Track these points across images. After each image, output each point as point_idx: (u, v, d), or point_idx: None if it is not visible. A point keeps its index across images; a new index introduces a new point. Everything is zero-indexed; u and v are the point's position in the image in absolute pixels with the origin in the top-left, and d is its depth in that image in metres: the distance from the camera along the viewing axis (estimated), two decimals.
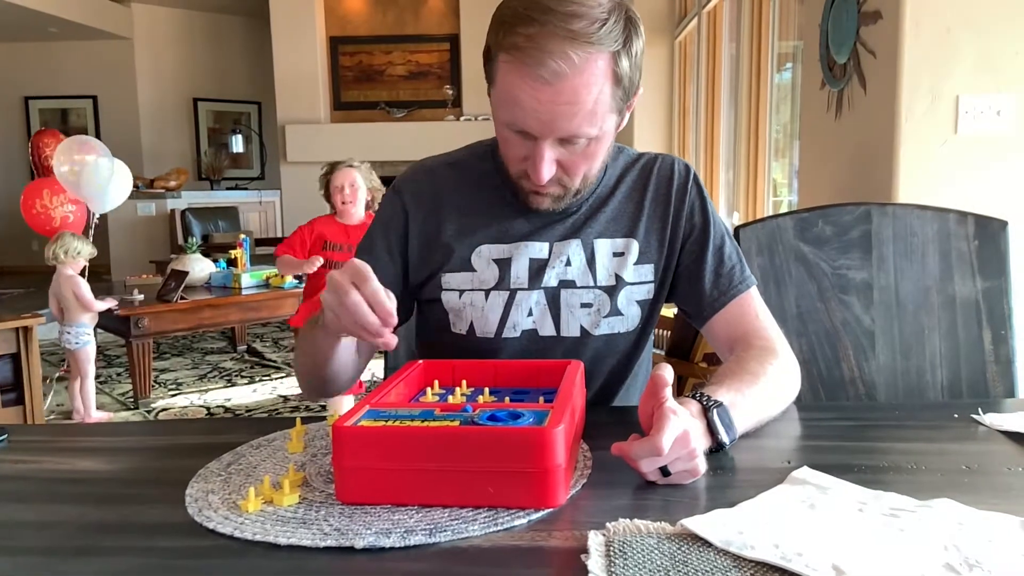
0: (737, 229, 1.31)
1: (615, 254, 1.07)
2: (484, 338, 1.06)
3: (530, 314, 1.05)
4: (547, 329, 1.06)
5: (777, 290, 1.29)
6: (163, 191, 7.37)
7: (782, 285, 1.29)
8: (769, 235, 1.30)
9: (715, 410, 0.81)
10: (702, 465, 0.75)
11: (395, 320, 0.80)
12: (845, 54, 2.35)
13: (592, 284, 1.06)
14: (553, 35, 0.86)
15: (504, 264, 1.05)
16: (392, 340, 0.80)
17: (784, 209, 3.77)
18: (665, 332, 2.95)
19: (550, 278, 1.05)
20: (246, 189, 8.27)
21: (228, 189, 8.27)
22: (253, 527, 0.67)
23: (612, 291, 1.06)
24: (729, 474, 0.78)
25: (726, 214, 4.82)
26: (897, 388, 1.29)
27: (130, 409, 3.80)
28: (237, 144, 8.94)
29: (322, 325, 0.90)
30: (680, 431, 0.72)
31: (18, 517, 0.74)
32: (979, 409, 0.96)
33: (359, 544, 0.63)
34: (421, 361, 0.97)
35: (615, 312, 1.06)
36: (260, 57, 8.54)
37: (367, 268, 0.80)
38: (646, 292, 1.08)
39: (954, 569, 0.56)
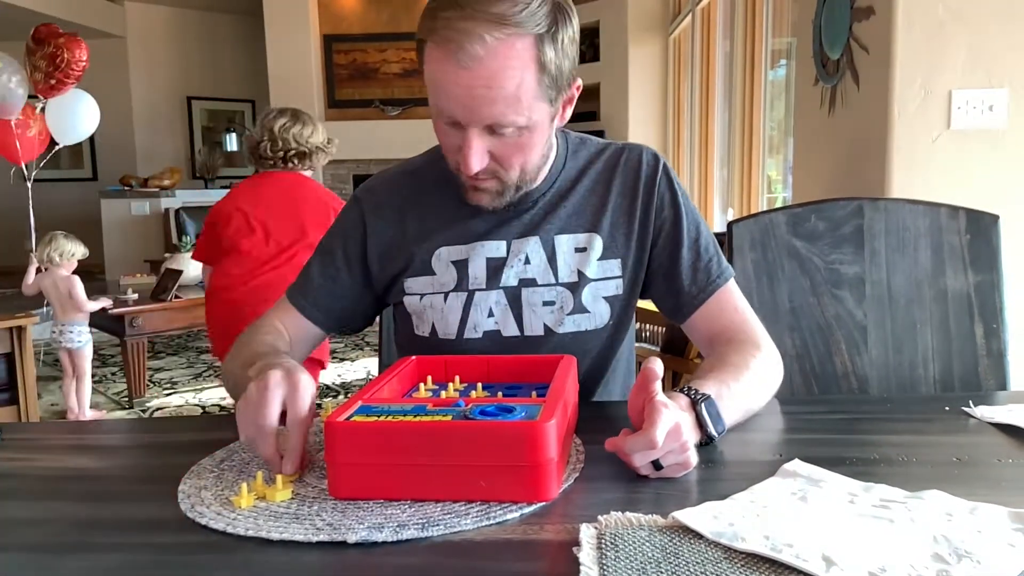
0: (730, 224, 1.32)
1: (577, 249, 1.05)
2: (446, 339, 1.05)
3: (491, 315, 1.04)
4: (510, 329, 1.05)
5: (770, 285, 1.29)
6: (157, 190, 7.36)
7: (775, 280, 1.30)
8: (762, 230, 1.31)
9: (703, 403, 0.82)
10: (694, 458, 0.75)
11: (298, 468, 0.76)
12: (838, 50, 2.35)
13: (554, 281, 1.04)
14: (471, 18, 0.84)
15: (462, 265, 1.04)
16: (291, 468, 0.75)
17: (778, 205, 3.78)
18: (659, 328, 2.95)
19: (509, 277, 1.04)
20: None
21: (222, 188, 8.23)
22: (246, 523, 0.67)
23: (575, 288, 1.04)
24: (720, 467, 0.79)
25: (720, 210, 4.83)
26: (890, 382, 1.29)
27: (125, 408, 3.79)
28: (231, 143, 8.92)
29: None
30: (672, 424, 0.73)
31: (11, 514, 0.74)
32: (970, 402, 0.96)
33: (352, 539, 0.63)
34: (414, 357, 0.97)
35: (580, 309, 1.04)
36: (254, 55, 8.52)
37: (304, 387, 0.77)
38: (614, 288, 1.06)
39: (943, 559, 0.57)
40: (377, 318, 1.22)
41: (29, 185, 4.83)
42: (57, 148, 4.88)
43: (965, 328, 1.29)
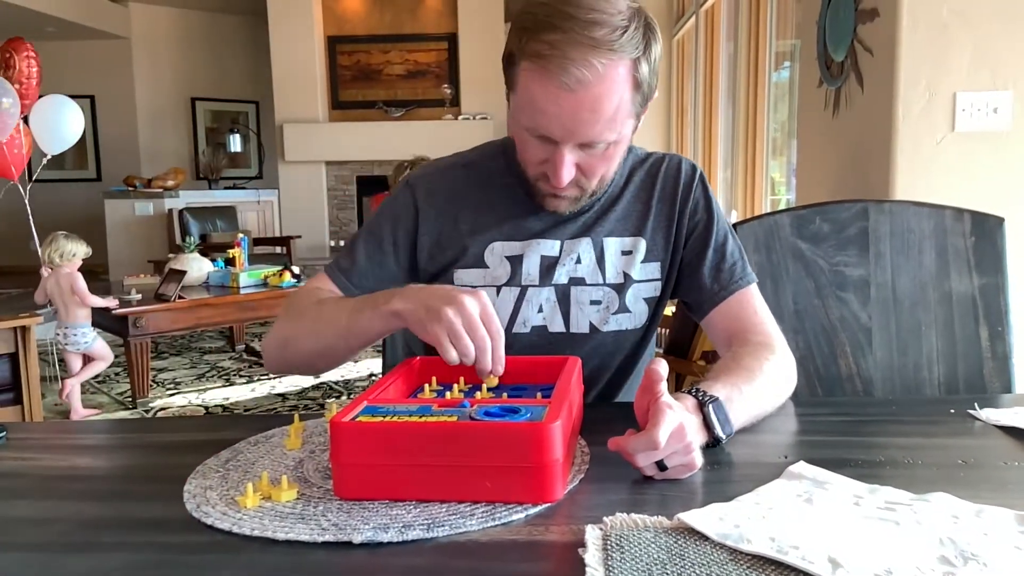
0: (735, 226, 1.31)
1: (623, 252, 1.08)
2: None
3: (540, 310, 1.07)
4: (557, 325, 1.07)
5: (774, 287, 1.29)
6: (161, 191, 7.36)
7: (779, 282, 1.29)
8: (767, 232, 1.31)
9: (711, 405, 0.82)
10: (698, 459, 0.75)
11: (502, 370, 0.84)
12: (842, 52, 2.35)
13: (601, 282, 1.07)
14: (576, 43, 0.86)
15: (516, 261, 1.07)
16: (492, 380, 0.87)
17: (782, 207, 3.77)
18: (664, 330, 2.95)
19: (560, 275, 1.07)
20: (244, 188, 8.26)
21: (226, 188, 8.26)
22: (251, 523, 0.67)
23: (620, 289, 1.08)
24: (726, 468, 0.79)
25: (724, 212, 4.83)
26: (894, 384, 1.29)
27: (128, 408, 3.80)
28: (235, 143, 8.94)
29: (385, 315, 0.89)
30: (676, 425, 0.73)
31: (16, 514, 0.74)
32: (975, 404, 0.96)
33: (357, 539, 0.63)
34: (419, 357, 0.97)
35: (623, 309, 1.08)
36: (258, 57, 8.54)
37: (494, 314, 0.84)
38: (653, 290, 1.10)
39: (949, 562, 0.57)
40: None
41: (24, 191, 4.85)
42: (47, 159, 4.88)
43: (970, 331, 1.29)
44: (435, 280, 1.10)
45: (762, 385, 0.91)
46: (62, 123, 4.81)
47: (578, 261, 1.07)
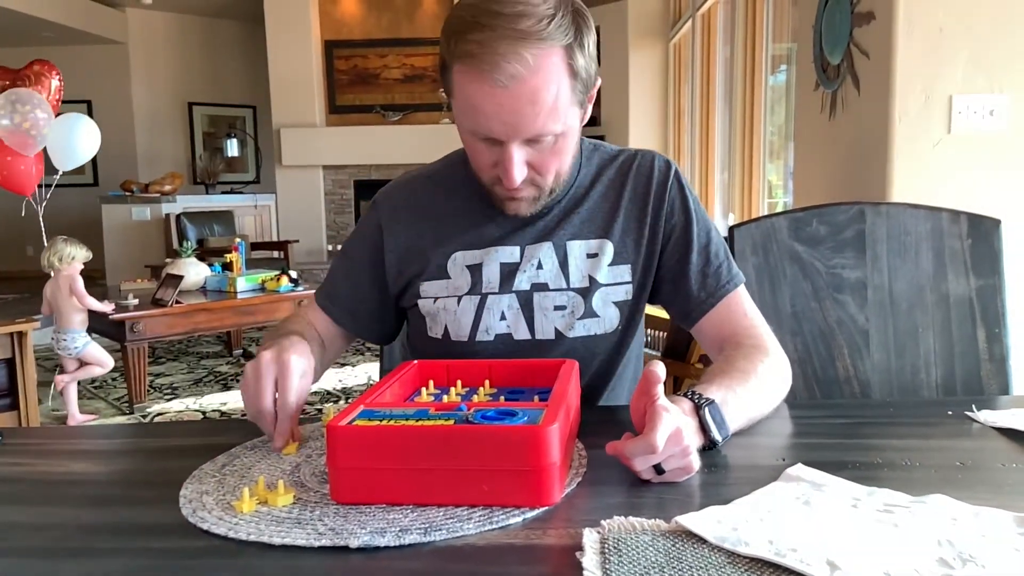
0: (732, 229, 1.32)
1: (589, 255, 1.06)
2: (459, 341, 1.06)
3: (503, 318, 1.06)
4: (521, 332, 1.06)
5: (772, 289, 1.29)
6: (158, 195, 7.36)
7: (776, 284, 1.29)
8: (764, 235, 1.31)
9: (706, 408, 0.81)
10: (696, 462, 0.75)
11: (292, 438, 0.87)
12: (839, 55, 2.36)
13: (565, 286, 1.05)
14: (503, 37, 0.85)
15: (476, 269, 1.06)
16: (279, 445, 0.86)
17: (779, 210, 3.78)
18: (661, 333, 2.95)
19: (521, 282, 1.05)
20: (241, 193, 8.26)
21: (223, 193, 8.26)
22: (248, 527, 0.67)
23: (586, 293, 1.05)
24: (723, 471, 0.78)
25: (721, 215, 4.83)
26: (892, 387, 1.29)
27: (125, 413, 3.79)
28: (232, 148, 8.92)
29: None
30: (673, 428, 0.72)
31: (12, 519, 0.73)
32: (973, 406, 0.96)
33: (354, 544, 0.63)
34: (416, 361, 0.97)
35: (590, 314, 1.05)
36: (255, 61, 8.54)
37: (292, 370, 0.87)
38: (623, 293, 1.07)
39: (948, 564, 0.57)
40: None
41: (38, 206, 4.87)
42: (59, 175, 4.90)
43: (967, 333, 1.29)
44: (404, 294, 1.11)
45: (757, 387, 0.91)
46: (78, 141, 4.83)
47: (539, 267, 1.05)
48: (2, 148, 4.61)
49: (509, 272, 1.05)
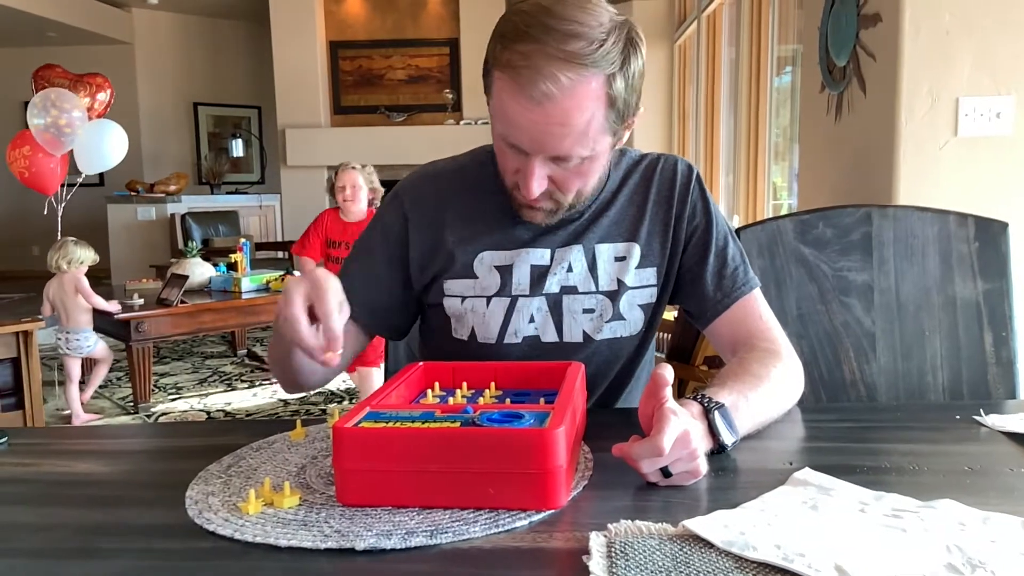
0: (738, 231, 1.31)
1: (617, 259, 1.06)
2: (486, 344, 1.05)
3: (532, 320, 1.05)
4: (549, 335, 1.05)
5: (778, 292, 1.29)
6: (163, 195, 7.37)
7: (783, 287, 1.29)
8: (770, 237, 1.30)
9: (716, 411, 0.81)
10: (703, 466, 0.75)
11: (340, 344, 0.78)
12: (845, 57, 2.35)
13: (594, 290, 1.05)
14: (547, 55, 0.85)
15: (505, 271, 1.05)
16: (332, 360, 0.79)
17: (784, 212, 3.77)
18: (666, 335, 2.95)
19: (551, 284, 1.05)
20: (246, 193, 8.27)
21: (228, 193, 8.27)
22: (253, 529, 0.67)
23: (614, 296, 1.05)
24: (731, 475, 0.78)
25: (726, 217, 4.82)
26: (898, 390, 1.29)
27: (130, 414, 3.80)
28: (237, 148, 8.93)
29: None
30: (680, 431, 0.72)
31: (18, 519, 0.73)
32: (981, 410, 0.96)
33: (360, 546, 0.63)
34: (421, 363, 0.97)
35: (617, 317, 1.06)
36: (260, 61, 8.54)
37: (326, 282, 0.79)
38: (648, 296, 1.07)
39: (957, 570, 0.56)
40: None
41: (58, 206, 4.89)
42: (81, 179, 4.92)
43: (974, 336, 1.29)
44: (427, 291, 1.09)
45: (769, 392, 0.91)
46: (107, 147, 4.84)
47: (569, 269, 1.05)
48: (32, 145, 4.61)
49: (540, 275, 1.05)
